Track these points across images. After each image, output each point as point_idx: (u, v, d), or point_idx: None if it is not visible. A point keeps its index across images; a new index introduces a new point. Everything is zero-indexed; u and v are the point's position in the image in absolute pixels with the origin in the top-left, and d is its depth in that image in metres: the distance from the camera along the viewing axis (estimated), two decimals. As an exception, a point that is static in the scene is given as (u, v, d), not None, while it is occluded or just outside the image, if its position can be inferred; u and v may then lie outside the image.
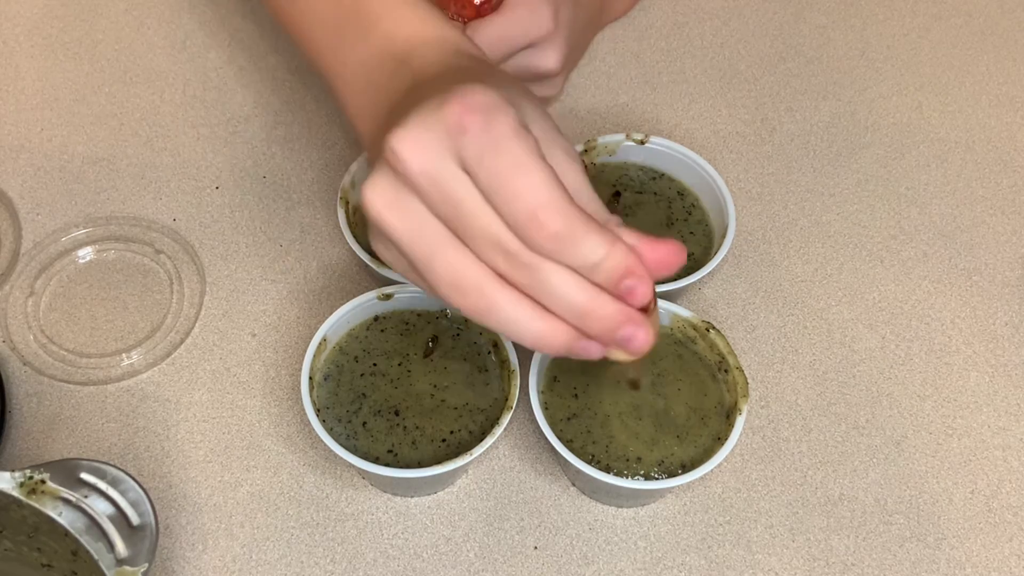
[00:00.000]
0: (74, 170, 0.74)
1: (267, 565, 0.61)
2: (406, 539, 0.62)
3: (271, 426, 0.65)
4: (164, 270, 0.70)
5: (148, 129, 0.77)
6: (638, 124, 0.80)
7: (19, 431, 0.64)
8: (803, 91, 0.82)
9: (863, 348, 0.70)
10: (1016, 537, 0.63)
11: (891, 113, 0.81)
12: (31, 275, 0.70)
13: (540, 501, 0.64)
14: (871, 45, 0.85)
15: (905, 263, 0.74)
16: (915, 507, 0.64)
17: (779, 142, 0.79)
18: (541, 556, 0.62)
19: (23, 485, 0.52)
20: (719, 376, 0.63)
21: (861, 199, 0.77)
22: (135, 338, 0.68)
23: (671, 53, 0.84)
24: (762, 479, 0.65)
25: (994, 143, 0.80)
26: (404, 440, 0.60)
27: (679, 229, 0.69)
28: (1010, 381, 0.69)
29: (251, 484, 0.63)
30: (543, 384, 0.62)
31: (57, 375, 0.66)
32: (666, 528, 0.63)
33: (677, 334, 0.64)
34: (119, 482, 0.53)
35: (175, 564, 0.61)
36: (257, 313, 0.69)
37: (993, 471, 0.66)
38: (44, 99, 0.78)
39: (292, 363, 0.67)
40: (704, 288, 0.72)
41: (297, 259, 0.72)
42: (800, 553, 0.62)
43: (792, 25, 0.86)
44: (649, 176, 0.71)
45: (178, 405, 0.66)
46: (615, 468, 0.60)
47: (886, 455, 0.66)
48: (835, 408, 0.68)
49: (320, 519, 0.62)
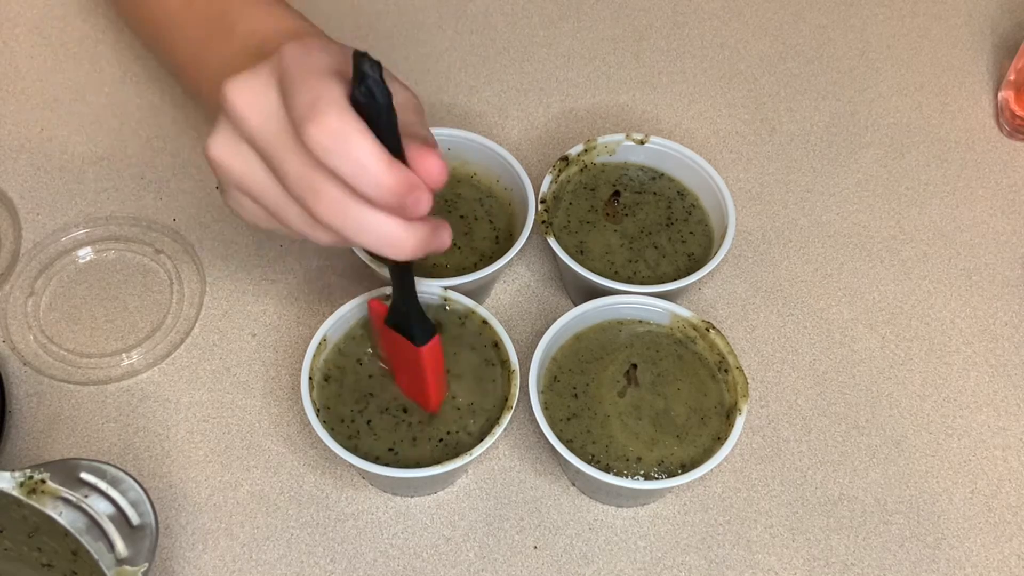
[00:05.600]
0: (74, 170, 0.74)
1: (267, 565, 0.61)
2: (406, 539, 0.62)
3: (271, 426, 0.65)
4: (164, 270, 0.70)
5: (148, 129, 0.77)
6: (638, 124, 0.80)
7: (19, 431, 0.64)
8: (803, 91, 0.82)
9: (863, 348, 0.70)
10: (1016, 537, 0.63)
11: (891, 113, 0.81)
12: (31, 275, 0.70)
13: (540, 501, 0.64)
14: (871, 45, 0.85)
15: (905, 263, 0.74)
16: (915, 507, 0.64)
17: (779, 142, 0.79)
18: (541, 556, 0.62)
19: (23, 485, 0.52)
20: (719, 376, 0.63)
21: (861, 199, 0.77)
22: (135, 338, 0.68)
23: (671, 53, 0.84)
24: (762, 479, 0.65)
25: (994, 143, 0.80)
26: (405, 438, 0.60)
27: (679, 229, 0.69)
28: (1010, 381, 0.69)
29: (251, 484, 0.63)
30: (543, 384, 0.62)
31: (57, 375, 0.66)
32: (666, 528, 0.63)
33: (677, 334, 0.64)
34: (119, 482, 0.53)
35: (175, 564, 0.61)
36: (257, 313, 0.69)
37: (993, 471, 0.66)
38: (44, 99, 0.78)
39: (292, 363, 0.67)
40: (704, 288, 0.72)
41: (297, 259, 0.72)
42: (800, 553, 0.62)
43: (792, 25, 0.86)
44: (649, 176, 0.71)
45: (178, 405, 0.66)
46: (615, 468, 0.60)
47: (886, 455, 0.66)
48: (835, 408, 0.68)
49: (320, 519, 0.62)
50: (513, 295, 0.71)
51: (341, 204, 0.46)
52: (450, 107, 0.79)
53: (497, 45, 0.83)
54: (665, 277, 0.67)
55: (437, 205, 0.69)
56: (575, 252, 0.67)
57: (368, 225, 0.46)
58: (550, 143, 0.78)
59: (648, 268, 0.67)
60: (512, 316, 0.70)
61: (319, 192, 0.46)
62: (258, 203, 0.49)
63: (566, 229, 0.68)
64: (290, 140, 0.46)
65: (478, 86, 0.81)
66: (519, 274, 0.72)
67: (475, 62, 0.82)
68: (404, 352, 0.58)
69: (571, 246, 0.68)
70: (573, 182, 0.70)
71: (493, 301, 0.71)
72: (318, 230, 0.48)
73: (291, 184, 0.46)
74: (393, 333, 0.58)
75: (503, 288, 0.72)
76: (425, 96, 0.80)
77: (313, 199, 0.46)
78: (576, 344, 0.64)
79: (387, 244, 0.47)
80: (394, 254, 0.47)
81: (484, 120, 0.79)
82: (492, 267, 0.64)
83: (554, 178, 0.69)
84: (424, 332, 0.57)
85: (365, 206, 0.46)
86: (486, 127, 0.79)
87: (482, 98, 0.80)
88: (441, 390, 0.60)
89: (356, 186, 0.45)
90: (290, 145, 0.46)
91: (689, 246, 0.68)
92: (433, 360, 0.58)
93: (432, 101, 0.80)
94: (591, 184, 0.70)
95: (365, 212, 0.46)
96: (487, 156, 0.69)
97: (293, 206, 0.48)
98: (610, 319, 0.65)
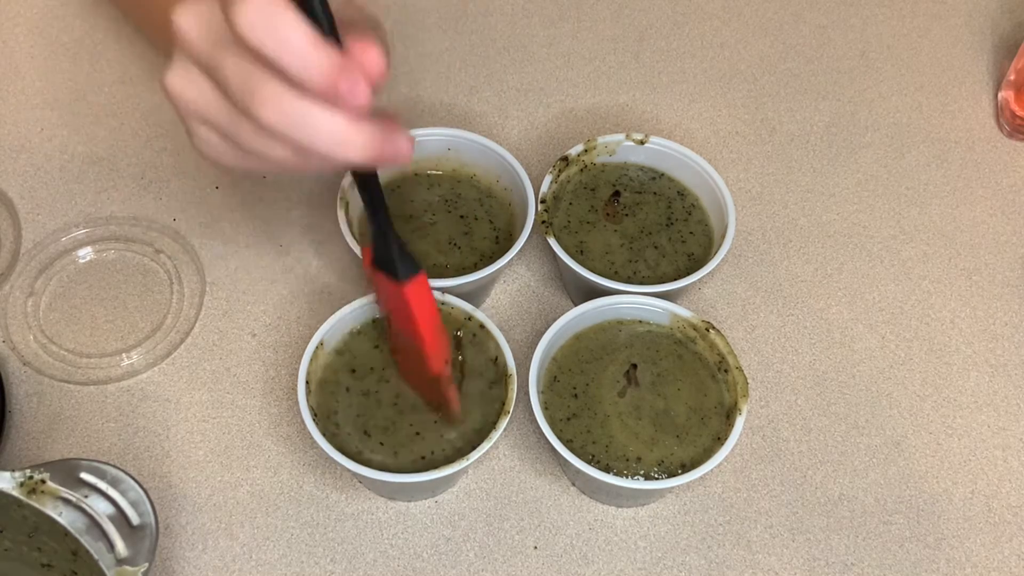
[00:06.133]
0: (74, 170, 0.74)
1: (267, 565, 0.61)
2: (406, 539, 0.62)
3: (271, 426, 0.65)
4: (164, 270, 0.70)
5: (148, 129, 0.77)
6: (638, 124, 0.80)
7: (19, 431, 0.64)
8: (803, 91, 0.82)
9: (863, 348, 0.70)
10: (1016, 537, 0.63)
11: (891, 113, 0.81)
12: (31, 275, 0.70)
13: (540, 501, 0.64)
14: (871, 45, 0.85)
15: (905, 263, 0.74)
16: (915, 507, 0.64)
17: (779, 142, 0.79)
18: (541, 556, 0.62)
19: (23, 485, 0.52)
20: (719, 376, 0.63)
21: (861, 199, 0.77)
22: (135, 338, 0.68)
23: (671, 53, 0.84)
24: (762, 479, 0.65)
25: (994, 143, 0.80)
26: (404, 443, 0.59)
27: (679, 229, 0.69)
28: (1010, 381, 0.69)
29: (251, 484, 0.63)
30: (543, 384, 0.62)
31: (57, 375, 0.66)
32: (666, 528, 0.63)
33: (677, 334, 0.64)
34: (119, 482, 0.53)
35: (175, 564, 0.61)
36: (257, 313, 0.69)
37: (993, 471, 0.66)
38: (44, 99, 0.78)
39: (292, 363, 0.67)
40: (704, 288, 0.72)
41: (297, 259, 0.72)
42: (800, 553, 0.62)
43: (792, 25, 0.86)
44: (649, 176, 0.71)
45: (178, 405, 0.66)
46: (615, 468, 0.60)
47: (886, 455, 0.66)
48: (835, 408, 0.68)
49: (320, 519, 0.62)
50: (513, 295, 0.71)
51: (280, 100, 0.45)
52: (450, 107, 0.79)
53: (497, 45, 0.83)
54: (665, 277, 0.67)
55: (438, 204, 0.69)
56: (575, 252, 0.67)
57: (311, 121, 0.46)
58: (550, 143, 0.78)
59: (648, 268, 0.67)
60: (512, 316, 0.70)
61: (257, 92, 0.45)
62: (215, 129, 0.49)
63: (566, 229, 0.68)
64: (229, 45, 0.46)
65: (478, 86, 0.81)
66: (519, 274, 0.72)
67: (475, 62, 0.82)
68: (395, 300, 0.56)
69: (571, 246, 0.68)
70: (573, 182, 0.70)
71: (493, 301, 0.71)
72: (269, 143, 0.47)
73: (232, 91, 0.46)
74: (381, 277, 0.56)
75: (503, 288, 0.71)
76: (425, 96, 0.80)
77: (253, 101, 0.46)
78: (576, 344, 0.64)
79: (333, 142, 0.46)
80: (344, 154, 0.47)
81: (484, 120, 0.79)
82: (492, 267, 0.64)
83: (554, 178, 0.69)
84: (406, 267, 0.55)
85: (306, 100, 0.45)
86: (486, 127, 0.79)
87: (482, 98, 0.80)
88: (438, 343, 0.57)
89: (284, 66, 0.44)
90: (228, 50, 0.46)
91: (689, 246, 0.68)
92: (421, 301, 0.55)
93: (432, 101, 0.80)
94: (591, 184, 0.70)
95: (306, 106, 0.45)
96: (487, 156, 0.69)
97: (243, 121, 0.47)
98: (610, 319, 0.65)
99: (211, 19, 0.47)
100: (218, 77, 0.47)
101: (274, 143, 0.47)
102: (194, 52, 0.47)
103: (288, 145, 0.47)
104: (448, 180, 0.70)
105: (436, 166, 0.71)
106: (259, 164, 0.50)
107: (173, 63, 0.49)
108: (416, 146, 0.69)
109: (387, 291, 0.57)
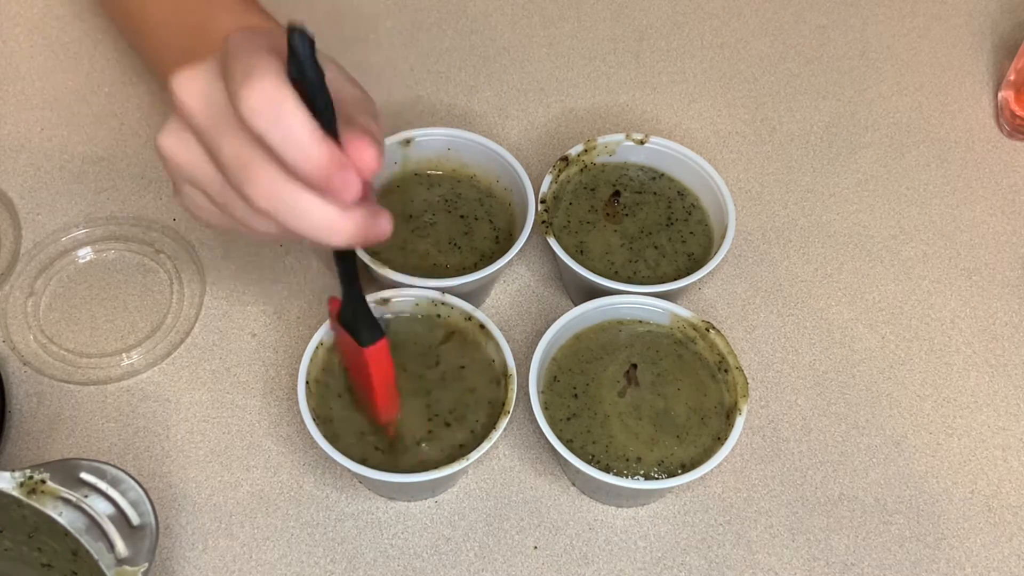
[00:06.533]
0: (74, 170, 0.74)
1: (267, 565, 0.61)
2: (406, 539, 0.62)
3: (271, 426, 0.65)
4: (164, 270, 0.70)
5: (148, 129, 0.77)
6: (638, 124, 0.80)
7: (19, 431, 0.64)
8: (803, 91, 0.82)
9: (863, 348, 0.70)
10: (1016, 537, 0.63)
11: (891, 113, 0.81)
12: (31, 275, 0.70)
13: (540, 501, 0.64)
14: (871, 45, 0.85)
15: (905, 263, 0.74)
16: (915, 507, 0.64)
17: (779, 142, 0.79)
18: (541, 556, 0.62)
19: (23, 485, 0.52)
20: (719, 376, 0.63)
21: (861, 199, 0.77)
22: (135, 338, 0.68)
23: (671, 53, 0.84)
24: (762, 479, 0.65)
25: (994, 143, 0.80)
26: (403, 443, 0.59)
27: (679, 229, 0.69)
28: (1010, 381, 0.69)
29: (251, 484, 0.63)
30: (543, 384, 0.62)
31: (57, 375, 0.66)
32: (666, 528, 0.63)
33: (677, 334, 0.64)
34: (119, 482, 0.53)
35: (175, 564, 0.61)
36: (257, 313, 0.69)
37: (993, 471, 0.66)
38: (44, 99, 0.78)
39: (292, 363, 0.67)
40: (704, 288, 0.72)
41: (297, 259, 0.72)
42: (800, 553, 0.62)
43: (792, 25, 0.86)
44: (649, 176, 0.71)
45: (178, 405, 0.66)
46: (615, 468, 0.60)
47: (886, 455, 0.66)
48: (835, 408, 0.68)
49: (320, 519, 0.62)
50: (513, 295, 0.71)
51: (274, 185, 0.46)
52: (450, 107, 0.79)
53: (497, 45, 0.83)
54: (665, 277, 0.67)
55: (438, 204, 0.69)
56: (575, 252, 0.67)
57: (302, 208, 0.46)
58: (550, 143, 0.78)
59: (648, 268, 0.67)
60: (512, 316, 0.70)
61: (252, 173, 0.46)
62: (205, 194, 0.49)
63: (566, 229, 0.68)
64: (228, 122, 0.46)
65: (478, 86, 0.81)
66: (519, 274, 0.72)
67: (475, 62, 0.82)
68: (355, 355, 0.58)
69: (571, 246, 0.68)
70: (573, 182, 0.70)
71: (493, 301, 0.71)
72: (258, 218, 0.48)
73: (227, 167, 0.47)
74: (344, 333, 0.58)
75: (503, 288, 0.71)
76: (425, 96, 0.80)
77: (247, 181, 0.46)
78: (576, 344, 0.64)
79: (322, 229, 0.47)
80: (330, 239, 0.47)
81: (484, 120, 0.79)
82: (492, 267, 0.64)
83: (554, 178, 0.69)
84: (371, 333, 0.56)
85: (299, 188, 0.46)
86: (486, 127, 0.79)
87: (482, 98, 0.80)
88: (390, 401, 0.59)
89: (283, 155, 0.45)
90: (228, 127, 0.46)
91: (689, 246, 0.68)
92: (379, 365, 0.57)
93: (432, 101, 0.80)
94: (591, 184, 0.70)
95: (299, 194, 0.46)
96: (487, 156, 0.69)
97: (235, 195, 0.48)
98: (610, 319, 0.65)
99: (211, 93, 0.47)
100: (213, 148, 0.47)
101: (262, 219, 0.48)
102: (192, 122, 0.48)
103: (275, 224, 0.48)
104: (448, 180, 0.70)
105: (436, 166, 0.71)
106: (244, 232, 0.50)
107: (169, 124, 0.49)
108: (416, 146, 0.70)
109: (350, 346, 0.58)
